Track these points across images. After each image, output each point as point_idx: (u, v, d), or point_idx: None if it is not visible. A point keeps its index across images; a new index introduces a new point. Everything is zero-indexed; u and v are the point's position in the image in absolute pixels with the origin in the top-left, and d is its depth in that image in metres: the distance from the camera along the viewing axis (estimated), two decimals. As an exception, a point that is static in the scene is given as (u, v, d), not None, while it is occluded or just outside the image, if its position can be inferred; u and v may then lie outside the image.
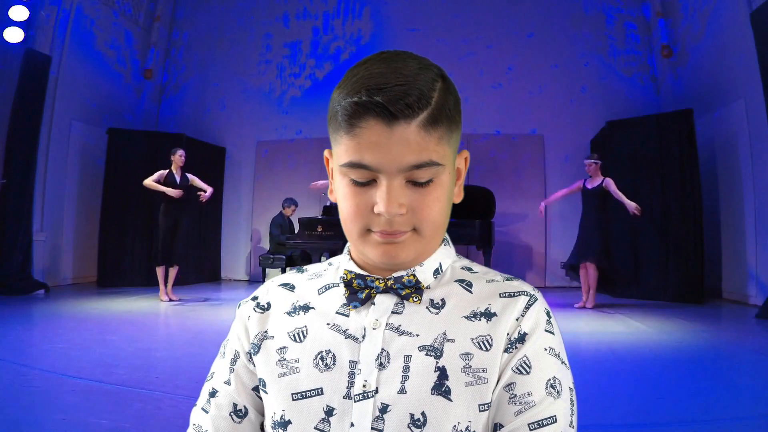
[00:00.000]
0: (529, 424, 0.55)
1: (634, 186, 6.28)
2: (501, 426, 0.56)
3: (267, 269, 7.23)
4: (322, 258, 6.62)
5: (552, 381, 0.57)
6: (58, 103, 6.74)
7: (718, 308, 5.72)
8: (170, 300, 5.74)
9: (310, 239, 6.14)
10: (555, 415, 0.56)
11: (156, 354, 3.51)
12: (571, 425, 0.57)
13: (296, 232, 6.59)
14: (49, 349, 3.43)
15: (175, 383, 2.81)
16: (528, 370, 0.57)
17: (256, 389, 0.66)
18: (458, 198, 0.65)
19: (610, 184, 5.46)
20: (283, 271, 7.14)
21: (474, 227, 6.32)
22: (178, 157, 5.73)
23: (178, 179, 5.75)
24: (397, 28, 8.11)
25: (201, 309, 5.53)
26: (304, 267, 0.73)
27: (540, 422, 0.55)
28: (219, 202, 8.35)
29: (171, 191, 5.57)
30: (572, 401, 0.59)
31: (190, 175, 5.84)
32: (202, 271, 7.98)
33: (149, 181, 5.64)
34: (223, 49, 8.66)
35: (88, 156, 7.38)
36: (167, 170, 5.73)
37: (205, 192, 5.83)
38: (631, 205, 5.29)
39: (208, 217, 8.09)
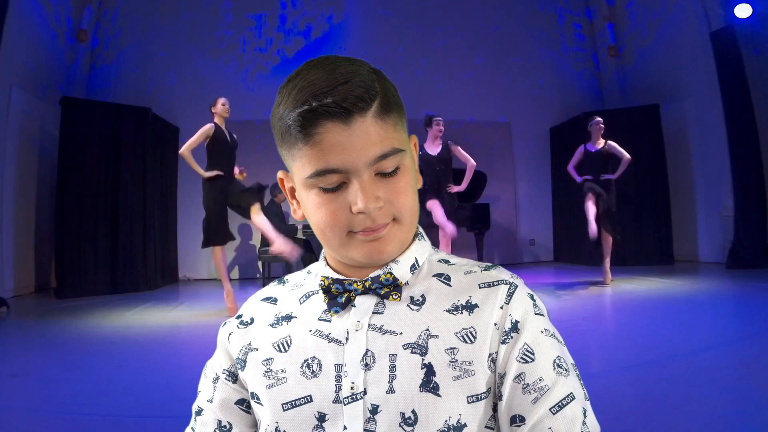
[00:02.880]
0: (550, 409, 0.55)
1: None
2: (522, 417, 0.56)
3: (269, 264, 6.65)
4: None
5: (558, 360, 0.58)
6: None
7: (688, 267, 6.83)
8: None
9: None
10: (571, 393, 0.57)
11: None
12: (586, 398, 0.59)
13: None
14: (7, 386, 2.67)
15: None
16: (533, 357, 0.57)
17: (240, 403, 0.67)
18: (419, 184, 0.64)
19: (615, 145, 5.35)
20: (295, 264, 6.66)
21: (479, 210, 6.65)
22: (221, 105, 4.39)
23: (228, 136, 4.45)
24: (370, 10, 7.95)
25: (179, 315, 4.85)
26: (285, 277, 0.73)
27: (560, 404, 0.56)
28: (174, 193, 7.39)
29: (205, 174, 4.38)
30: (578, 375, 0.60)
31: None
32: (164, 272, 7.03)
33: (186, 153, 4.30)
34: (171, 13, 7.61)
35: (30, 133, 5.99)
36: (211, 124, 4.39)
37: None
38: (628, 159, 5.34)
39: (166, 212, 7.15)
